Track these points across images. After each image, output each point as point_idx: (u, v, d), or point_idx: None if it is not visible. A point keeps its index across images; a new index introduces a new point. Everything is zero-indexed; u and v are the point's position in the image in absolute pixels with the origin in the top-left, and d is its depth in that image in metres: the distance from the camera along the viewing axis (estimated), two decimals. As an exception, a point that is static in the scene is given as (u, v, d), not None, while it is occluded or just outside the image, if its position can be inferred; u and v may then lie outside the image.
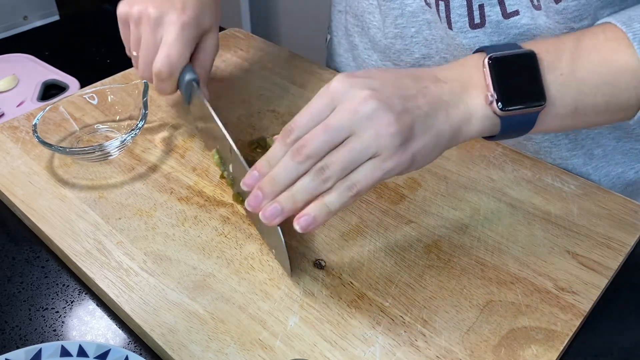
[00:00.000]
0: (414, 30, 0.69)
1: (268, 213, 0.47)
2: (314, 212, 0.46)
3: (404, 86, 0.48)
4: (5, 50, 0.92)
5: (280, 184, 0.47)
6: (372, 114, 0.45)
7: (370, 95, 0.46)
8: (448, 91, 0.49)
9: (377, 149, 0.45)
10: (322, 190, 0.46)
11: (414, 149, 0.46)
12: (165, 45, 0.62)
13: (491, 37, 0.62)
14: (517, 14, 0.60)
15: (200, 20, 0.64)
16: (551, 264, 0.55)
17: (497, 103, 0.48)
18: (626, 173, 0.71)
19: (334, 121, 0.46)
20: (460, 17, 0.62)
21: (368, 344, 0.48)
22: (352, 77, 0.47)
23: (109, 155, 0.66)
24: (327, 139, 0.46)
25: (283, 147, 0.47)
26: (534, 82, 0.49)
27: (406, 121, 0.46)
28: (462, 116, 0.48)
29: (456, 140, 0.49)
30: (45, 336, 0.51)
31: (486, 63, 0.49)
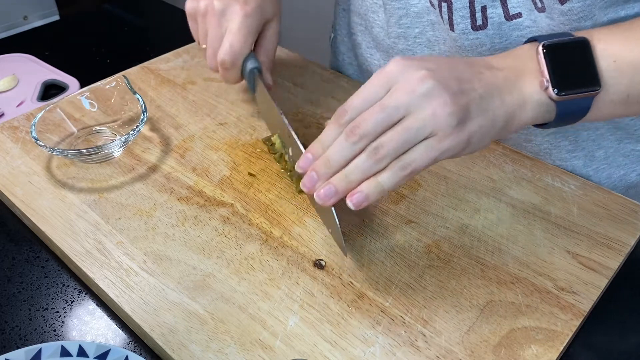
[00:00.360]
0: (417, 31, 0.69)
1: (322, 194, 0.47)
2: (367, 189, 0.46)
3: (459, 70, 0.48)
4: (5, 50, 0.92)
5: (334, 164, 0.47)
6: (429, 93, 0.45)
7: (426, 74, 0.46)
8: (502, 77, 0.49)
9: (433, 129, 0.45)
10: (377, 170, 0.46)
11: (470, 129, 0.46)
12: (228, 35, 0.64)
13: (493, 39, 0.62)
14: (519, 16, 0.60)
15: (263, 10, 0.66)
16: (551, 264, 0.55)
17: (552, 88, 0.48)
18: (628, 175, 0.71)
19: (390, 100, 0.46)
20: (462, 19, 0.62)
21: (368, 344, 0.48)
22: (408, 59, 0.48)
23: (111, 155, 0.66)
24: (382, 118, 0.46)
25: (337, 127, 0.48)
26: (588, 67, 0.49)
27: (462, 101, 0.46)
28: (517, 102, 0.49)
29: (510, 126, 0.49)
30: (45, 336, 0.51)
31: (540, 50, 0.49)
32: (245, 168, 0.66)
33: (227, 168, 0.66)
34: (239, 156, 0.68)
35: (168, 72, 0.82)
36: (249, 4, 0.65)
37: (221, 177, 0.65)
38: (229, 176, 0.65)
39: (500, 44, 0.62)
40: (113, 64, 0.91)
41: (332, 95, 0.78)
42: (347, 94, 0.78)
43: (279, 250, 0.56)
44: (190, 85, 0.80)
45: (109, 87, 0.71)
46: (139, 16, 1.09)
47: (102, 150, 0.64)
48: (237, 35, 0.64)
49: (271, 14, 0.69)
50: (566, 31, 0.52)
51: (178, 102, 0.77)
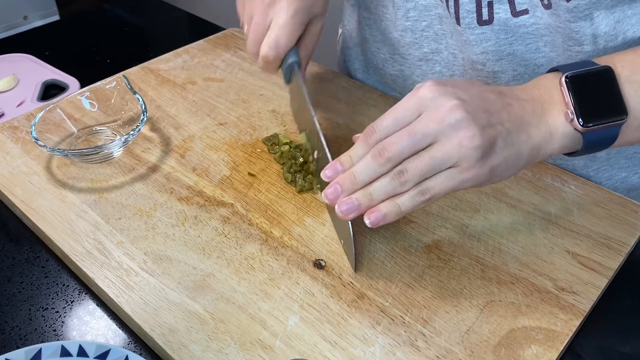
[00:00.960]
0: (425, 24, 0.69)
1: (344, 207, 0.48)
2: (385, 209, 0.48)
3: (489, 101, 0.49)
4: (5, 50, 0.92)
5: (359, 181, 0.48)
6: (457, 125, 0.46)
7: (457, 105, 0.46)
8: (530, 110, 0.49)
9: (457, 160, 0.46)
10: (398, 192, 0.48)
11: (492, 163, 0.47)
12: (275, 28, 0.62)
13: (498, 34, 0.62)
14: (526, 12, 0.60)
15: (312, 7, 0.65)
16: (551, 264, 0.55)
17: (577, 119, 0.48)
18: (630, 178, 0.71)
19: (419, 127, 0.47)
20: (468, 13, 0.62)
21: (368, 344, 0.48)
22: (441, 85, 0.48)
23: (111, 155, 0.66)
24: (410, 144, 0.47)
25: (365, 146, 0.49)
26: (613, 96, 0.49)
27: (489, 135, 0.47)
28: (543, 136, 0.49)
29: (535, 158, 0.50)
30: (45, 336, 0.51)
31: (563, 82, 0.49)
32: (245, 168, 0.66)
33: (227, 168, 0.66)
34: (239, 156, 0.68)
35: (168, 72, 0.82)
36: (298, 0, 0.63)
37: (221, 177, 0.65)
38: (229, 176, 0.65)
39: (505, 40, 0.63)
40: (113, 64, 0.91)
41: (333, 95, 0.78)
42: (347, 94, 0.78)
43: (279, 250, 0.56)
44: (190, 85, 0.80)
45: (109, 87, 0.71)
46: (139, 16, 1.09)
47: (102, 150, 0.64)
48: (283, 30, 0.62)
49: (319, 11, 0.67)
50: (587, 59, 0.52)
51: (178, 102, 0.77)
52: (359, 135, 0.50)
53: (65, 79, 0.85)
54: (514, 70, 0.65)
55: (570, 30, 0.58)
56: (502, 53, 0.64)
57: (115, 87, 0.71)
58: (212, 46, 0.89)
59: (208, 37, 0.91)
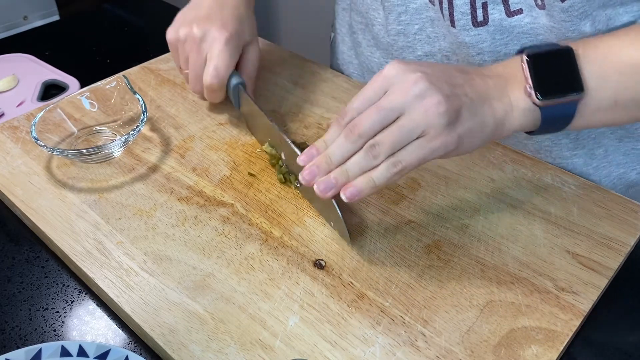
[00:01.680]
0: (417, 28, 0.69)
1: (323, 186, 0.50)
2: (360, 184, 0.49)
3: (452, 75, 0.51)
4: (5, 50, 0.92)
5: (334, 161, 0.50)
6: (422, 94, 0.48)
7: (421, 77, 0.48)
8: (492, 85, 0.51)
9: (425, 128, 0.48)
10: (373, 166, 0.49)
11: (459, 131, 0.49)
12: (212, 59, 0.67)
13: (494, 35, 0.62)
14: (520, 12, 0.60)
15: (241, 34, 0.70)
16: (551, 264, 0.55)
17: (535, 94, 0.50)
18: (628, 174, 0.71)
19: (385, 102, 0.49)
20: (463, 15, 0.62)
21: (368, 344, 0.48)
22: (404, 63, 0.50)
23: (111, 155, 0.66)
24: (378, 118, 0.48)
25: (338, 128, 0.51)
26: (571, 73, 0.51)
27: (454, 103, 0.48)
28: (505, 108, 0.51)
29: (500, 132, 0.51)
30: (45, 336, 0.51)
31: (524, 58, 0.51)
32: (245, 168, 0.66)
33: (227, 168, 0.66)
34: (239, 156, 0.68)
35: (168, 72, 0.82)
36: (227, 29, 0.68)
37: (221, 177, 0.65)
38: (229, 176, 0.65)
39: (501, 40, 0.63)
40: (113, 64, 0.91)
41: (332, 95, 0.78)
42: (347, 94, 0.78)
43: (279, 250, 0.56)
44: (190, 85, 0.80)
45: (109, 87, 0.71)
46: (139, 16, 1.09)
47: (102, 150, 0.64)
48: (219, 58, 0.67)
49: (249, 37, 0.72)
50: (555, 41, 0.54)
51: (178, 102, 0.77)
52: (331, 121, 0.52)
53: (65, 79, 0.85)
54: None
55: (566, 30, 0.58)
56: (498, 54, 0.64)
57: (115, 87, 0.71)
58: (212, 46, 0.89)
59: (208, 37, 0.91)
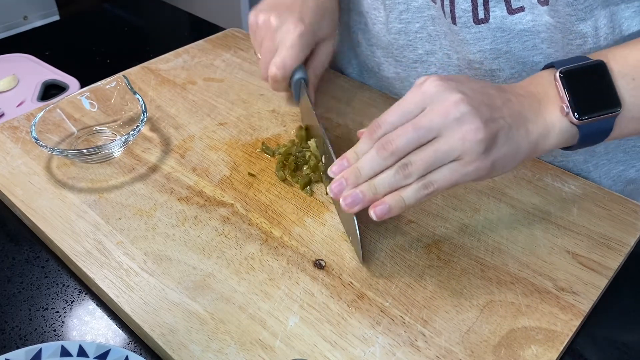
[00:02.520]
0: (418, 26, 0.69)
1: (349, 200, 0.49)
2: (390, 202, 0.48)
3: (491, 96, 0.49)
4: (5, 50, 0.92)
5: (363, 175, 0.49)
6: (462, 118, 0.47)
7: (461, 99, 0.47)
8: (528, 106, 0.50)
9: (461, 153, 0.47)
10: (402, 185, 0.48)
11: (494, 157, 0.48)
12: (281, 50, 0.67)
13: (495, 32, 0.62)
14: (522, 10, 0.60)
15: (317, 30, 0.69)
16: (551, 264, 0.55)
17: (573, 113, 0.49)
18: (627, 171, 0.72)
19: (424, 121, 0.48)
20: (464, 12, 0.62)
21: (368, 344, 0.48)
22: (444, 80, 0.49)
23: (111, 155, 0.66)
24: (414, 137, 0.48)
25: (370, 141, 0.50)
26: (607, 89, 0.50)
27: (492, 129, 0.47)
28: (541, 131, 0.50)
29: (533, 154, 0.51)
30: (45, 336, 0.51)
31: (557, 77, 0.50)
32: (245, 168, 0.66)
33: (227, 168, 0.66)
34: (239, 156, 0.68)
35: (168, 72, 0.83)
36: (304, 22, 0.67)
37: (221, 177, 0.65)
38: (229, 176, 0.65)
39: (502, 38, 0.63)
40: (113, 64, 0.91)
41: (332, 95, 0.78)
42: (347, 94, 0.78)
43: (279, 250, 0.56)
44: (190, 85, 0.80)
45: (109, 87, 0.71)
46: (139, 16, 1.09)
47: (102, 150, 0.64)
48: (289, 51, 0.66)
49: (326, 34, 0.71)
50: (581, 55, 0.53)
51: (178, 102, 0.77)
52: (363, 131, 0.51)
53: (65, 79, 0.85)
54: (512, 69, 0.65)
55: (571, 24, 0.58)
56: (499, 51, 0.64)
57: (115, 87, 0.71)
58: (212, 46, 0.89)
59: (208, 37, 0.91)
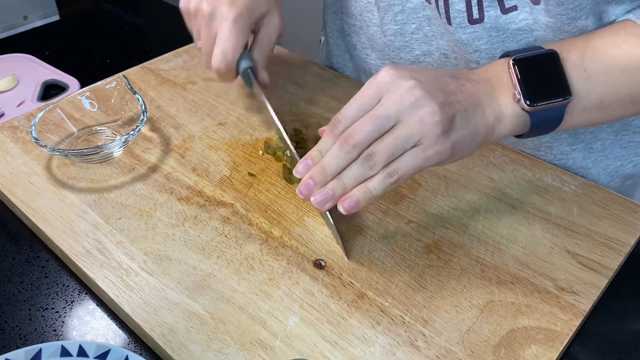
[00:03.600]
0: (414, 27, 0.69)
1: (320, 199, 0.49)
2: (357, 195, 0.48)
3: (444, 82, 0.50)
4: (5, 50, 0.92)
5: (329, 172, 0.49)
6: (417, 102, 0.47)
7: (415, 84, 0.48)
8: (483, 91, 0.51)
9: (420, 137, 0.47)
10: (369, 176, 0.48)
11: (453, 139, 0.48)
12: (219, 41, 0.64)
13: (490, 32, 0.62)
14: (515, 9, 0.60)
15: (254, 8, 0.66)
16: (551, 264, 0.55)
17: (524, 100, 0.50)
18: (624, 166, 0.72)
19: (381, 110, 0.48)
20: (459, 13, 0.62)
21: (368, 344, 0.48)
22: (397, 69, 0.50)
23: (111, 155, 0.66)
24: (373, 128, 0.48)
25: (332, 137, 0.50)
26: (558, 78, 0.51)
27: (448, 112, 0.48)
28: (495, 115, 0.51)
29: (490, 137, 0.52)
30: (45, 336, 0.51)
31: (511, 64, 0.52)
32: (245, 168, 0.66)
33: (227, 168, 0.66)
34: (239, 156, 0.68)
35: (168, 72, 0.82)
36: (237, 5, 0.64)
37: (221, 177, 0.65)
38: (229, 176, 0.65)
39: (497, 38, 0.63)
40: (113, 64, 0.91)
41: (332, 95, 0.78)
42: (347, 94, 0.78)
43: (279, 250, 0.56)
44: (190, 85, 0.80)
45: (109, 87, 0.71)
46: (139, 16, 1.09)
47: (102, 150, 0.64)
48: (227, 42, 0.63)
49: (265, 9, 0.67)
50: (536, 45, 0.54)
51: (178, 102, 0.77)
52: (324, 129, 0.51)
53: (65, 79, 0.85)
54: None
55: (562, 23, 0.58)
56: (495, 51, 0.64)
57: (115, 87, 0.71)
58: (212, 46, 0.89)
59: (208, 37, 0.91)
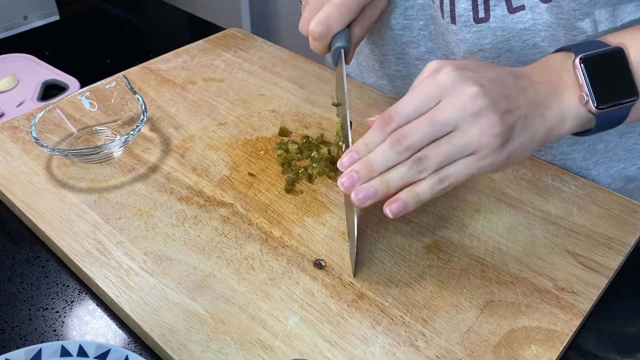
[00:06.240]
0: (422, 23, 0.69)
1: (362, 195, 0.47)
2: (405, 199, 0.47)
3: (507, 86, 0.48)
4: (5, 50, 0.92)
5: (376, 169, 0.47)
6: (479, 113, 0.46)
7: (479, 92, 0.46)
8: (543, 93, 0.49)
9: (477, 148, 0.46)
10: (416, 180, 0.47)
11: (510, 149, 0.47)
12: (328, 5, 0.59)
13: (495, 31, 0.62)
14: (522, 8, 0.60)
15: None
16: (551, 264, 0.55)
17: (592, 102, 0.49)
18: (627, 169, 0.71)
19: (441, 115, 0.46)
20: (464, 11, 0.62)
21: (368, 344, 0.48)
22: (460, 69, 0.47)
23: (111, 155, 0.66)
24: (430, 132, 0.46)
25: (382, 134, 0.48)
26: (625, 78, 0.50)
27: (509, 122, 0.47)
28: (556, 118, 0.49)
29: (549, 139, 0.50)
30: (45, 336, 0.51)
31: (578, 64, 0.49)
32: (245, 168, 0.66)
33: (227, 168, 0.66)
34: (239, 156, 0.68)
35: (168, 72, 0.82)
36: None
37: (221, 177, 0.65)
38: (229, 176, 0.65)
39: (502, 37, 0.62)
40: (113, 64, 0.91)
41: (332, 95, 0.78)
42: (347, 94, 0.78)
43: (279, 250, 0.56)
44: (190, 85, 0.80)
45: (109, 87, 0.71)
46: (139, 16, 1.09)
47: (102, 150, 0.64)
48: (336, 9, 0.59)
49: None
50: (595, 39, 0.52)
51: (178, 102, 0.77)
52: (373, 120, 0.49)
53: (65, 79, 0.85)
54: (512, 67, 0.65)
55: (575, 20, 0.58)
56: (500, 50, 0.64)
57: (115, 87, 0.71)
58: (212, 46, 0.89)
59: (208, 37, 0.91)
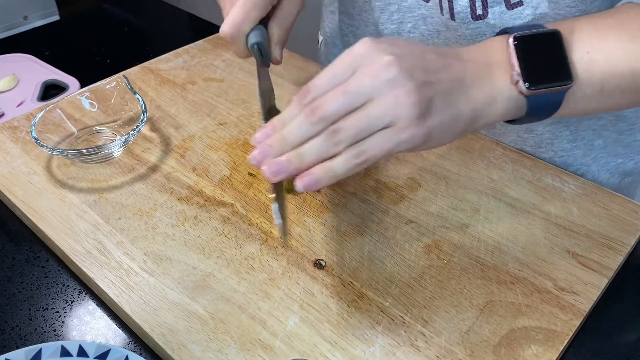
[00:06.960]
0: (410, 26, 0.68)
1: (274, 167, 0.44)
2: (318, 173, 0.44)
3: (427, 59, 0.46)
4: (5, 50, 0.92)
5: (290, 142, 0.45)
6: (393, 80, 0.43)
7: (393, 60, 0.44)
8: (471, 71, 0.47)
9: (393, 118, 0.43)
10: (332, 154, 0.44)
11: (430, 124, 0.44)
12: (234, 7, 0.59)
13: (493, 28, 0.62)
14: (520, 4, 0.60)
15: None
16: (551, 264, 0.55)
17: (523, 82, 0.46)
18: (625, 164, 0.72)
19: (353, 84, 0.44)
20: (463, 8, 0.62)
21: (368, 344, 0.48)
22: (377, 41, 0.46)
23: (111, 155, 0.66)
24: (344, 102, 0.44)
25: (298, 107, 0.46)
26: (560, 61, 0.48)
27: (426, 93, 0.44)
28: (485, 98, 0.47)
29: (477, 123, 0.47)
30: (45, 336, 0.51)
31: (511, 43, 0.47)
32: (245, 168, 0.66)
33: (227, 168, 0.66)
34: (239, 156, 0.68)
35: (168, 72, 0.82)
36: None
37: (221, 177, 0.65)
38: (229, 176, 0.65)
39: None
40: (113, 64, 0.91)
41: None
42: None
43: (279, 250, 0.56)
44: (190, 85, 0.80)
45: (109, 87, 0.71)
46: (139, 16, 1.09)
47: (102, 150, 0.64)
48: (241, 9, 0.58)
49: None
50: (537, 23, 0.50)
51: (178, 102, 0.77)
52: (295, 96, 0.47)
53: (65, 79, 0.85)
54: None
55: (572, 16, 0.57)
56: None
57: (115, 87, 0.71)
58: (212, 46, 0.89)
59: (208, 37, 0.91)
